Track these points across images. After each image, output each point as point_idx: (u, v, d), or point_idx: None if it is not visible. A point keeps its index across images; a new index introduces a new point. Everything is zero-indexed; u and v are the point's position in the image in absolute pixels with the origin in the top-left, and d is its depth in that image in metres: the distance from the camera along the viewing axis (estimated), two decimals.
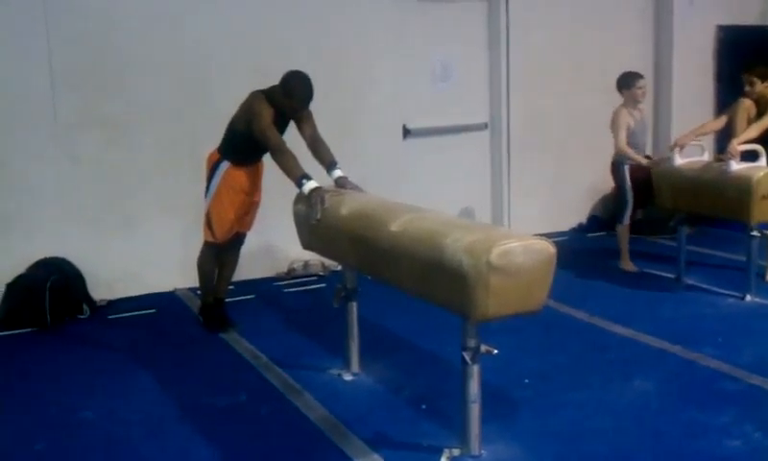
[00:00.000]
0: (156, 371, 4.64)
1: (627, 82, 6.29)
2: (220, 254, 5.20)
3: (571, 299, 5.49)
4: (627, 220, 6.34)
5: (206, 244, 5.13)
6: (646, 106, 7.32)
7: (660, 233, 7.12)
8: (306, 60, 6.36)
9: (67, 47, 5.71)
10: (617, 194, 6.43)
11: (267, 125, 4.61)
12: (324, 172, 4.60)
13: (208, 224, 5.05)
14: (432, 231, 3.41)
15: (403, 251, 3.51)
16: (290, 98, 4.67)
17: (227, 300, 5.42)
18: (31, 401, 4.30)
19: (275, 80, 4.71)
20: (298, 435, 3.82)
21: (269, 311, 5.74)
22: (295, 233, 4.56)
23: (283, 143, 4.59)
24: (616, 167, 6.31)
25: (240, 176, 4.97)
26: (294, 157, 4.47)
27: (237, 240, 5.23)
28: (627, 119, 6.24)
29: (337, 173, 4.54)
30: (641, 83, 6.28)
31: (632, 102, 6.30)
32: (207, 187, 5.02)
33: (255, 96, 4.76)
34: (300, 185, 4.30)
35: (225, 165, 4.95)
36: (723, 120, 6.27)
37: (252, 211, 5.18)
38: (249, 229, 5.25)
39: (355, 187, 4.43)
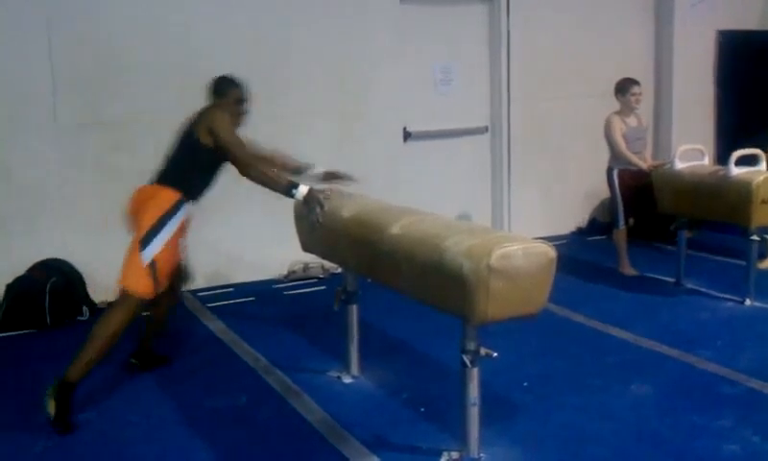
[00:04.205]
0: (155, 373, 4.64)
1: (622, 88, 6.31)
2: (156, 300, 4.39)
3: (571, 302, 5.49)
4: (622, 224, 6.35)
5: (135, 299, 4.10)
6: (646, 110, 7.35)
7: (660, 237, 7.12)
8: (308, 64, 6.43)
9: (69, 49, 5.72)
10: (610, 199, 6.47)
11: (234, 133, 4.24)
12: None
13: (152, 275, 4.09)
14: (432, 234, 3.41)
15: (403, 253, 3.52)
16: (232, 95, 4.40)
17: (224, 303, 5.35)
18: (30, 403, 4.29)
19: (275, 81, 4.70)
20: (297, 437, 3.82)
21: (269, 314, 5.74)
22: (295, 236, 4.56)
23: (251, 153, 4.35)
24: (608, 173, 6.36)
25: (191, 215, 4.36)
26: (269, 168, 4.29)
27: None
28: (620, 125, 6.27)
29: (317, 169, 4.49)
30: (636, 89, 6.29)
31: (627, 108, 6.32)
32: (153, 232, 4.11)
33: (208, 110, 4.35)
34: (291, 195, 4.17)
35: (186, 209, 4.28)
36: None
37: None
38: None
39: (345, 175, 4.39)
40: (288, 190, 4.18)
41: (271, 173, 4.26)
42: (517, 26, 7.28)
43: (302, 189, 4.18)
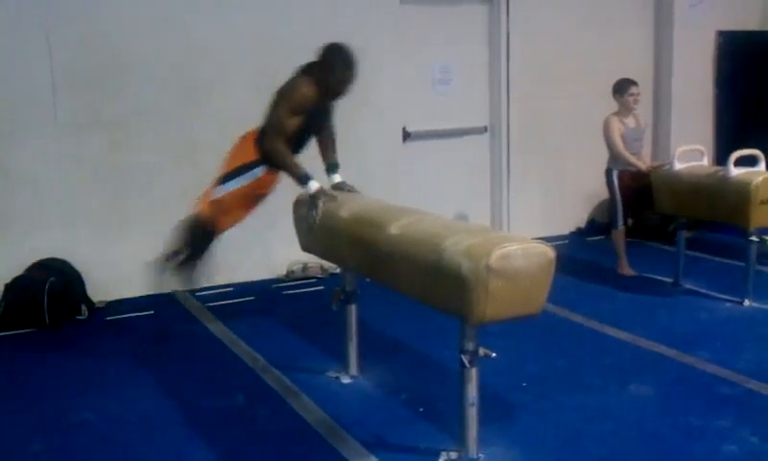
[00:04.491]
0: (153, 372, 4.64)
1: (620, 88, 6.32)
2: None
3: (570, 302, 5.49)
4: (621, 224, 6.35)
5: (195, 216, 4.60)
6: (645, 111, 7.36)
7: (659, 238, 7.13)
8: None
9: (69, 49, 5.72)
10: (609, 200, 6.48)
11: (284, 116, 4.30)
12: (318, 167, 4.55)
13: (215, 208, 4.52)
14: (431, 234, 3.41)
15: (402, 253, 3.52)
16: (346, 70, 4.37)
17: (222, 303, 5.36)
18: (28, 402, 4.30)
19: (276, 82, 4.64)
20: (295, 437, 3.82)
21: (267, 313, 5.73)
22: (294, 235, 4.56)
23: (288, 138, 4.34)
24: (607, 173, 6.36)
25: (271, 180, 4.54)
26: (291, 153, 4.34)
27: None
28: (618, 126, 6.27)
29: (336, 178, 4.49)
30: (633, 90, 6.29)
31: (625, 109, 6.33)
32: (227, 177, 4.49)
33: (298, 77, 4.40)
34: (303, 184, 4.25)
35: (259, 171, 4.47)
36: None
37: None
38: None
39: (352, 190, 4.43)
40: (302, 180, 4.25)
41: (290, 158, 4.29)
42: (517, 26, 7.28)
43: (313, 185, 4.22)
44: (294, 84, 4.40)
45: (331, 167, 4.55)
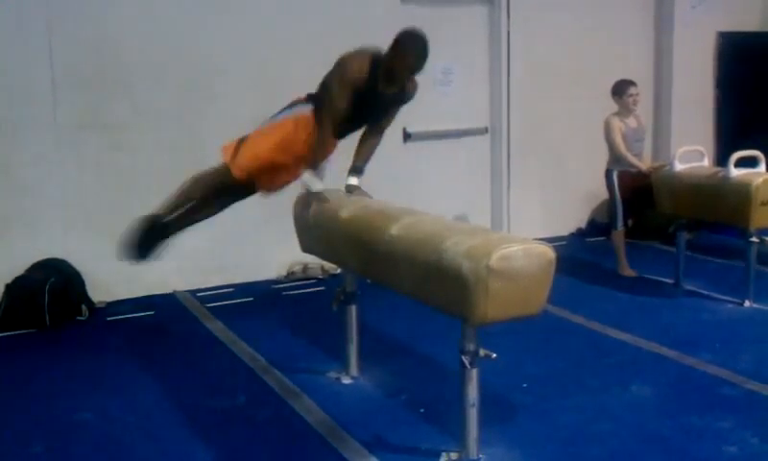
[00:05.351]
0: (154, 373, 4.64)
1: (619, 89, 6.32)
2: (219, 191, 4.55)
3: (570, 303, 5.49)
4: (620, 225, 6.36)
5: (223, 163, 4.43)
6: (646, 112, 7.36)
7: (659, 239, 7.13)
8: (307, 64, 6.39)
9: (69, 50, 5.72)
10: (609, 200, 6.48)
11: (340, 85, 4.19)
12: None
13: (237, 147, 4.37)
14: (432, 235, 3.41)
15: (403, 254, 3.52)
16: (404, 54, 4.28)
17: (223, 303, 5.37)
18: (28, 403, 4.30)
19: (276, 82, 4.65)
20: (296, 438, 3.82)
21: (268, 314, 5.74)
22: (294, 236, 4.56)
23: (336, 116, 4.18)
24: (607, 174, 6.36)
25: (308, 124, 4.32)
26: (329, 140, 4.22)
27: (246, 190, 4.53)
28: (620, 126, 6.27)
29: (352, 180, 4.33)
30: (633, 90, 6.30)
31: (624, 110, 6.33)
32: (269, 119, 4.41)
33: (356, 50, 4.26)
34: (309, 172, 4.19)
35: (307, 108, 4.35)
36: None
37: (282, 176, 4.46)
38: (269, 190, 4.56)
39: (364, 194, 4.30)
40: (312, 166, 4.18)
41: (323, 140, 4.20)
42: (517, 27, 7.28)
43: (317, 186, 4.17)
44: (351, 53, 4.30)
45: (354, 170, 4.37)
